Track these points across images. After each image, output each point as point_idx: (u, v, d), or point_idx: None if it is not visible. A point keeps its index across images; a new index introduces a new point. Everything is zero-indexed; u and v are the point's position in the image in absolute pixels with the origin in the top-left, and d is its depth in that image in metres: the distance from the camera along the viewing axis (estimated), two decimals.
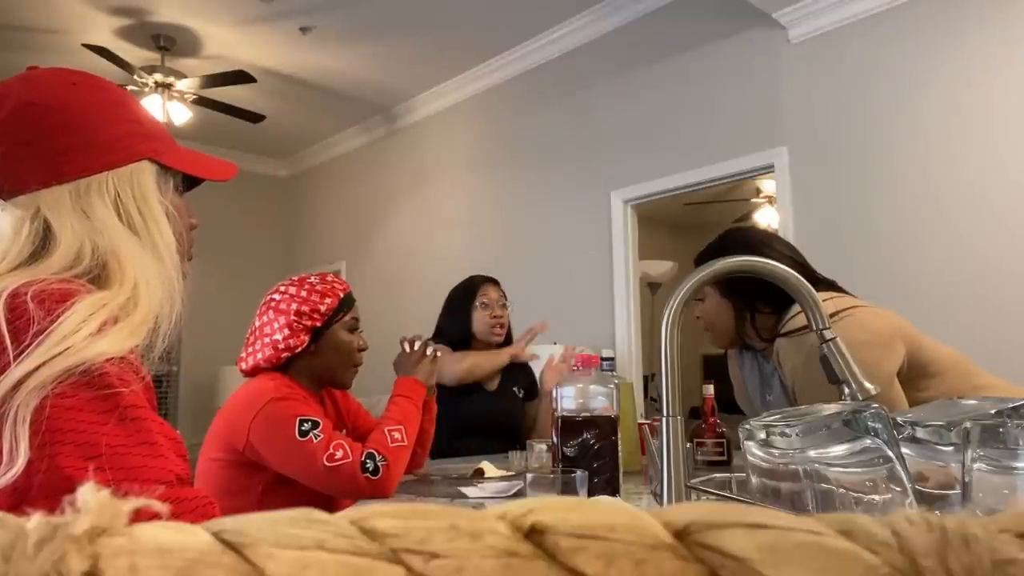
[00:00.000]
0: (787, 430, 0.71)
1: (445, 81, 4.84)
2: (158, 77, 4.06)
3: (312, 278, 1.50)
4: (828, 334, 0.95)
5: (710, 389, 1.73)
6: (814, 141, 3.15)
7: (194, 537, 0.18)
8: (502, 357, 2.22)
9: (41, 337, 0.59)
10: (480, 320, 2.25)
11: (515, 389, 2.30)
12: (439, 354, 1.63)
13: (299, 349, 1.44)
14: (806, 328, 0.99)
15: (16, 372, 0.56)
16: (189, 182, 0.87)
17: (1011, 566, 0.17)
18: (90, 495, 0.18)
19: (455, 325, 2.28)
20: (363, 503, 0.91)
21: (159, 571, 0.17)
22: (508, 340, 2.36)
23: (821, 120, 3.14)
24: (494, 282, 2.34)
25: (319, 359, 1.48)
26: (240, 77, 4.01)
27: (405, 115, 5.27)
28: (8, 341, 0.59)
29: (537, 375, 2.37)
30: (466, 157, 4.83)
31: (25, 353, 0.58)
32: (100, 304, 0.64)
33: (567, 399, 1.25)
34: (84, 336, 0.60)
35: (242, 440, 1.33)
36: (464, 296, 2.29)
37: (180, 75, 4.13)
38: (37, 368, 0.57)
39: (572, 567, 0.17)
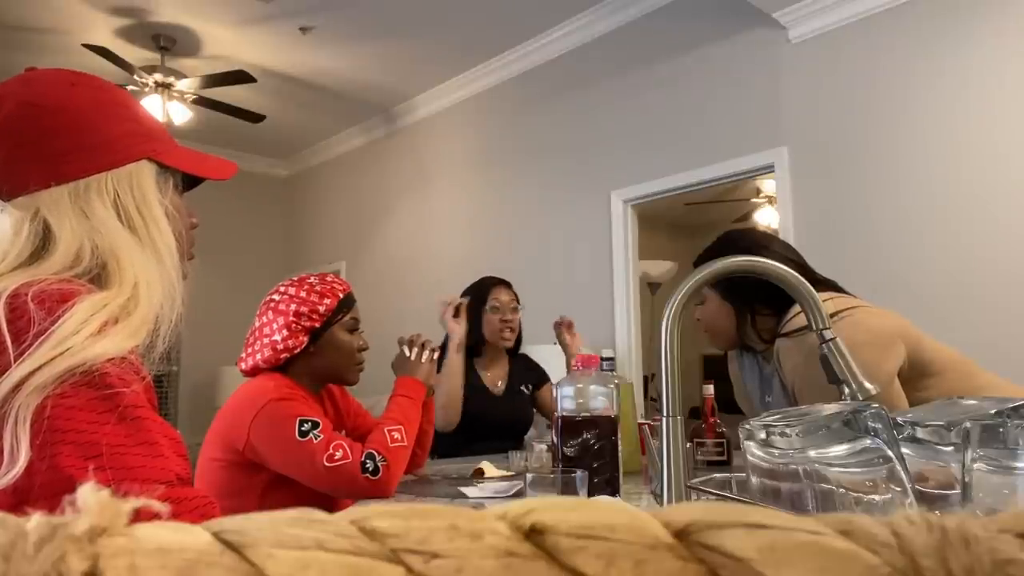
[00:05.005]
0: (787, 430, 0.71)
1: (445, 81, 4.84)
2: (158, 77, 4.06)
3: (312, 278, 1.50)
4: (828, 334, 0.95)
5: (710, 389, 1.73)
6: (814, 141, 3.15)
7: (194, 537, 0.18)
8: (450, 357, 2.14)
9: (42, 338, 0.59)
10: (490, 324, 2.25)
11: (523, 388, 2.30)
12: (436, 355, 1.63)
13: (297, 350, 1.44)
14: (806, 328, 0.99)
15: (17, 373, 0.57)
16: (189, 182, 0.87)
17: (1011, 566, 0.17)
18: (90, 495, 0.18)
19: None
20: (363, 503, 0.91)
21: (159, 571, 0.17)
22: (519, 344, 2.36)
23: (821, 120, 3.14)
24: (506, 284, 2.33)
25: (318, 360, 1.48)
26: (240, 77, 4.01)
27: (405, 115, 5.27)
28: (9, 342, 0.59)
29: (546, 368, 2.40)
30: (466, 157, 4.83)
31: (26, 354, 0.58)
32: (100, 305, 0.64)
33: (567, 399, 1.25)
34: (85, 336, 0.60)
35: (242, 440, 1.33)
36: (475, 299, 2.29)
37: (180, 75, 4.13)
38: (38, 369, 0.57)
39: (572, 567, 0.17)
